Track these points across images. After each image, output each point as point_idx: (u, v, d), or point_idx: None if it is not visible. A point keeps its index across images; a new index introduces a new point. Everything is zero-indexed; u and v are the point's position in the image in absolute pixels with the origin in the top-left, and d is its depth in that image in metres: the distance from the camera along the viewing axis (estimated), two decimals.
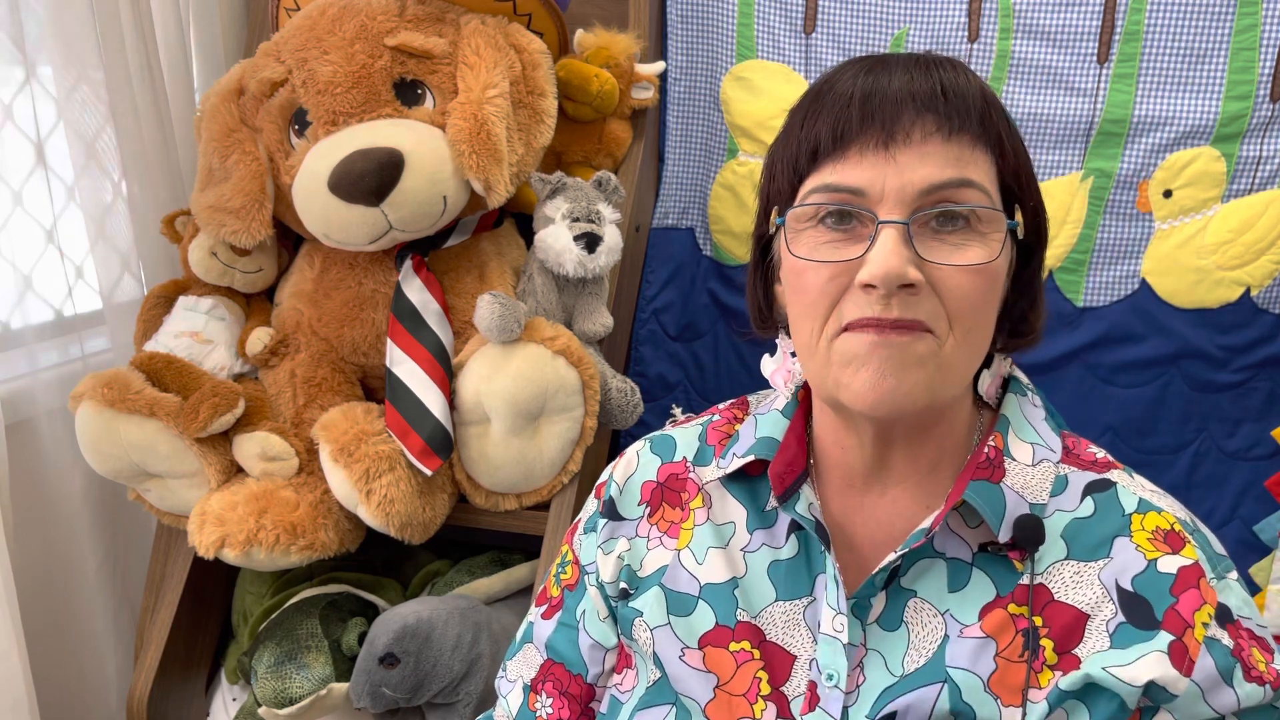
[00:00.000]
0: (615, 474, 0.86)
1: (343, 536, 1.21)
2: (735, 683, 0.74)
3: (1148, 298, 1.45)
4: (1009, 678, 0.68)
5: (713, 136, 1.57)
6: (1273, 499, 1.45)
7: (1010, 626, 0.69)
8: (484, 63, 1.22)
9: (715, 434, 0.84)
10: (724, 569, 0.77)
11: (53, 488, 1.31)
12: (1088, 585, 0.68)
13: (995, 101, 0.70)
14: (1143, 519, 0.70)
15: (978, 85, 0.70)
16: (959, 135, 0.67)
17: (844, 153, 0.68)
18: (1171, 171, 1.42)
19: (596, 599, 0.84)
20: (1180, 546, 0.68)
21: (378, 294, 1.27)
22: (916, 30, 1.47)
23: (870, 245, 0.66)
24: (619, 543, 0.82)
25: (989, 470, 0.71)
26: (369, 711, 1.20)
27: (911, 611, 0.71)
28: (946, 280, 0.67)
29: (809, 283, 0.69)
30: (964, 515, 0.72)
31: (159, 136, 1.38)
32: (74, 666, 1.36)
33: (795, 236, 0.70)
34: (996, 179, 0.69)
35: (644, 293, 1.59)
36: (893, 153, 0.67)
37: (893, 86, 0.68)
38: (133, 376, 1.19)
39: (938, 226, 0.67)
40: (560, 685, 0.85)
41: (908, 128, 0.67)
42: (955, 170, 0.67)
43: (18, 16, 1.23)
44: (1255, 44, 1.36)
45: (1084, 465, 0.74)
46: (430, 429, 1.15)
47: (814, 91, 0.73)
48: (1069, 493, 0.72)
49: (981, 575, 0.71)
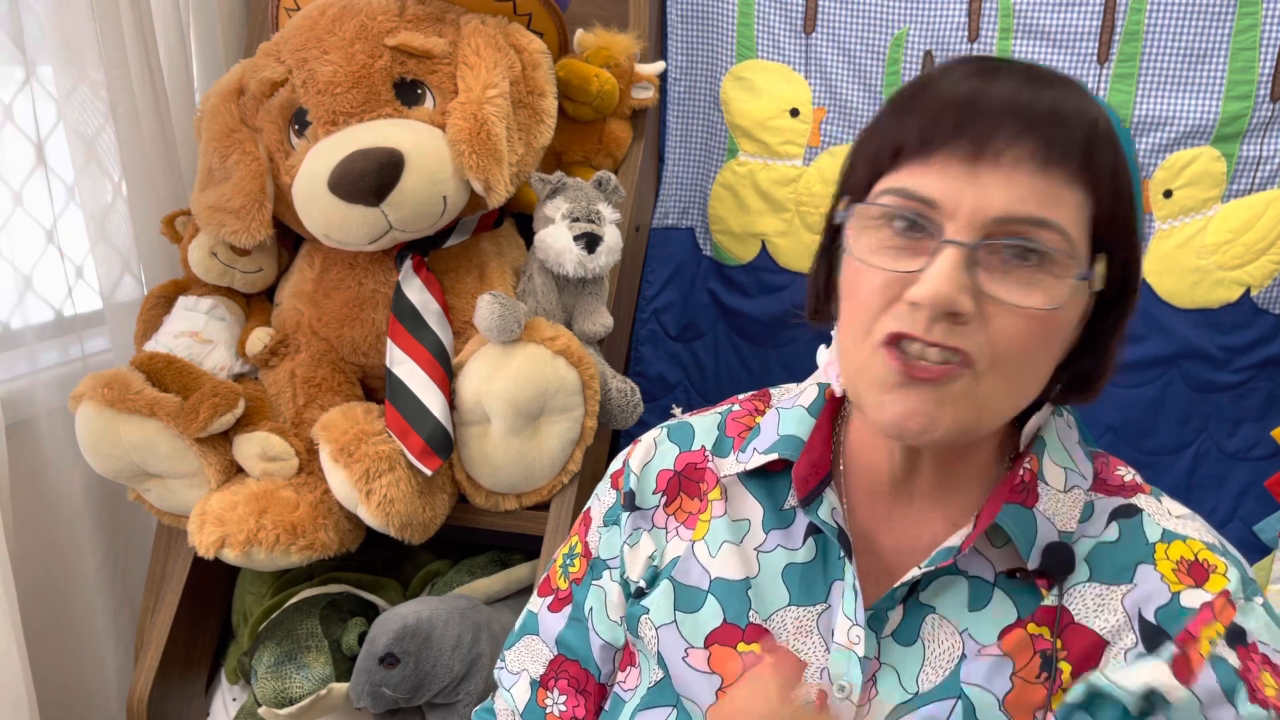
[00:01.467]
0: (632, 461, 0.83)
1: (343, 536, 1.21)
2: None
3: (1148, 298, 1.45)
4: (1025, 697, 0.67)
5: (713, 136, 1.57)
6: (1273, 499, 1.45)
7: (1029, 647, 0.68)
8: (484, 63, 1.22)
9: (735, 425, 0.81)
10: (737, 566, 0.75)
11: (53, 488, 1.31)
12: (1110, 611, 0.67)
13: (1109, 136, 0.64)
14: (1167, 548, 0.68)
15: (1094, 114, 0.64)
16: (1056, 167, 0.62)
17: (927, 159, 0.63)
18: (1171, 171, 1.42)
19: (617, 594, 0.81)
20: (1204, 579, 0.67)
21: (378, 294, 1.27)
22: (916, 30, 1.47)
23: (930, 261, 0.62)
24: (644, 537, 0.80)
25: (1022, 494, 0.69)
26: (369, 711, 1.20)
27: (929, 628, 0.70)
28: (999, 317, 0.62)
29: (862, 285, 0.66)
30: (990, 536, 0.70)
31: (159, 136, 1.38)
32: (74, 666, 1.36)
33: (860, 233, 0.67)
34: (1088, 223, 0.64)
35: (644, 293, 1.59)
36: (978, 171, 0.61)
37: (996, 97, 0.62)
38: (133, 376, 1.19)
39: (1008, 257, 0.62)
40: (576, 683, 0.83)
41: (1000, 147, 0.61)
42: (1038, 206, 0.61)
43: (18, 16, 1.23)
44: (1255, 44, 1.36)
45: (1111, 490, 0.73)
46: (430, 429, 1.15)
47: (915, 85, 0.68)
48: (1095, 519, 0.71)
49: (1003, 596, 0.69)
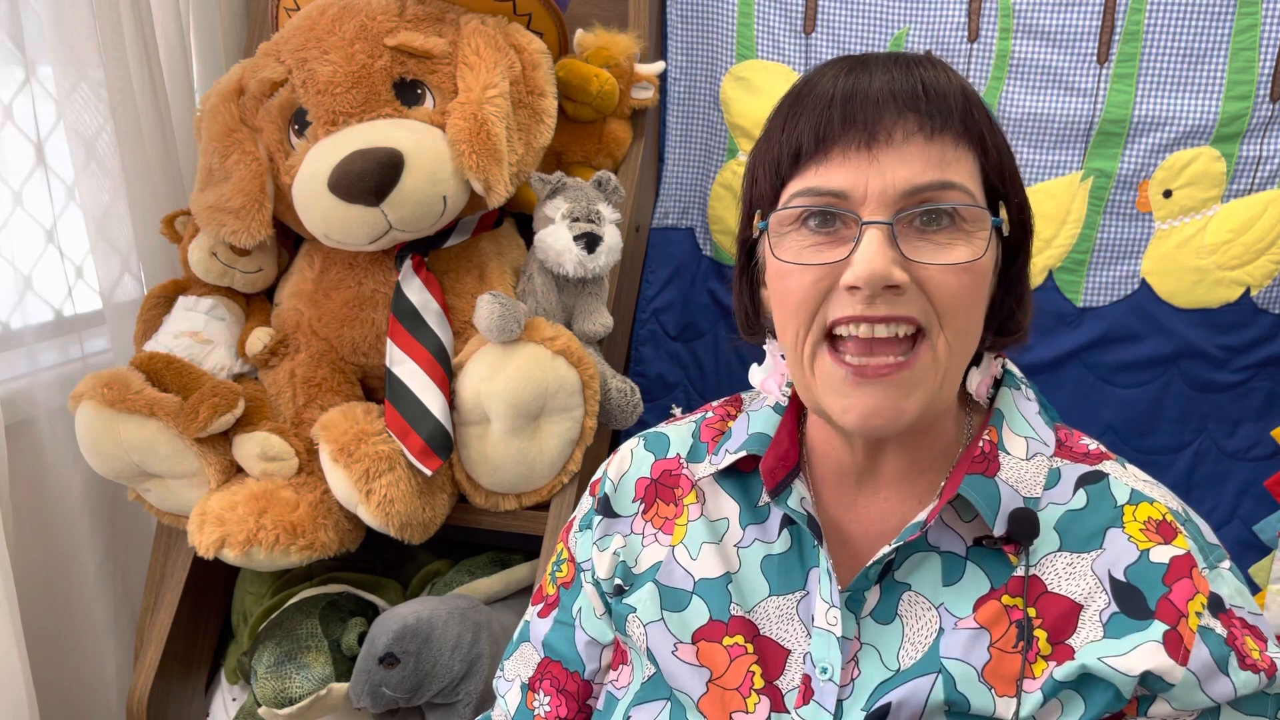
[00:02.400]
0: (609, 471, 0.86)
1: (343, 536, 1.21)
2: (728, 677, 0.74)
3: (1148, 298, 1.45)
4: (1003, 668, 0.68)
5: (713, 136, 1.57)
6: (1273, 499, 1.45)
7: (1004, 617, 0.69)
8: (484, 63, 1.22)
9: (709, 431, 0.84)
10: (717, 564, 0.77)
11: (53, 488, 1.31)
12: (1080, 576, 0.69)
13: (976, 99, 0.70)
14: (1134, 510, 0.70)
15: (959, 83, 0.69)
16: (941, 134, 0.67)
17: (826, 155, 0.67)
18: (1171, 171, 1.42)
19: (593, 596, 0.84)
20: (1172, 537, 0.69)
21: (378, 294, 1.27)
22: (916, 30, 1.47)
23: (855, 247, 0.66)
24: (614, 539, 0.83)
25: (983, 464, 0.72)
26: (369, 711, 1.20)
27: (906, 605, 0.72)
28: (933, 279, 0.66)
29: (792, 286, 0.69)
30: (958, 509, 0.72)
31: (159, 136, 1.38)
32: (74, 667, 1.36)
33: (779, 240, 0.70)
34: (980, 177, 0.69)
35: (644, 293, 1.59)
36: (875, 154, 0.66)
37: (873, 87, 0.67)
38: (133, 376, 1.19)
39: (922, 225, 0.67)
40: (557, 683, 0.86)
41: (889, 128, 0.66)
42: (938, 171, 0.66)
43: (18, 16, 1.23)
44: (1255, 44, 1.36)
45: (1076, 458, 0.74)
46: (430, 429, 1.15)
47: (794, 93, 0.73)
48: (1062, 486, 0.72)
49: (975, 569, 0.71)
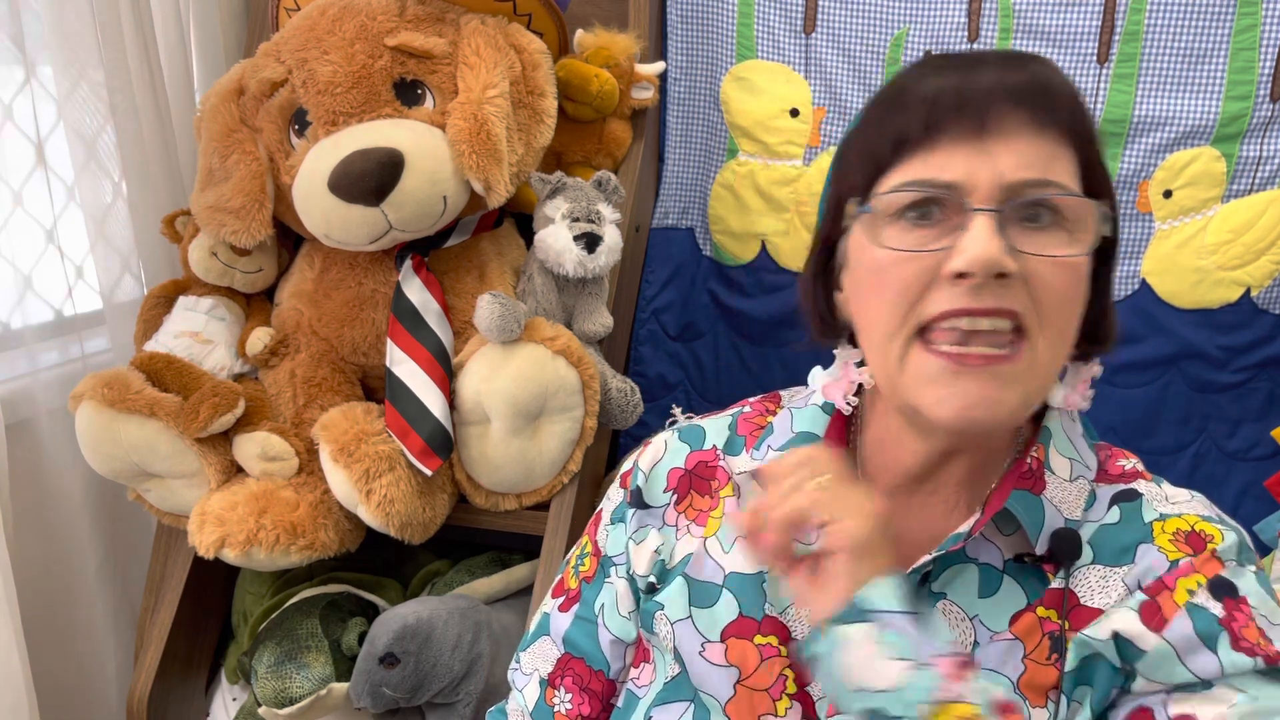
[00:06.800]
0: (641, 461, 0.84)
1: (343, 536, 1.21)
2: (758, 677, 0.73)
3: (1148, 298, 1.45)
4: (1037, 679, 0.68)
5: (713, 136, 1.57)
6: (1273, 499, 1.45)
7: (1038, 629, 0.69)
8: (484, 63, 1.22)
9: (746, 425, 0.82)
10: (752, 560, 0.76)
11: (53, 488, 1.31)
12: (1112, 589, 0.68)
13: (1083, 101, 0.69)
14: (1163, 524, 0.70)
15: (1068, 80, 0.68)
16: (1050, 131, 0.66)
17: (934, 144, 0.66)
18: (1171, 171, 1.42)
19: (625, 592, 0.82)
20: (1201, 547, 0.68)
21: (378, 294, 1.27)
22: (916, 30, 1.47)
23: (962, 234, 0.64)
24: (650, 534, 0.81)
25: (1031, 481, 0.71)
26: (369, 711, 1.20)
27: (940, 615, 0.70)
28: (1040, 274, 0.64)
29: (891, 278, 0.67)
30: (999, 523, 0.71)
31: (159, 136, 1.38)
32: (74, 666, 1.36)
33: (877, 232, 0.68)
34: (1081, 178, 0.68)
35: (644, 293, 1.59)
36: (986, 144, 0.64)
37: (986, 79, 0.66)
38: (133, 376, 1.19)
39: (1026, 220, 0.65)
40: (581, 681, 0.84)
41: (1000, 121, 0.65)
42: (1044, 168, 0.65)
43: (18, 16, 1.23)
44: (1255, 44, 1.36)
45: (1113, 479, 0.74)
46: (430, 429, 1.15)
47: (895, 88, 0.70)
48: (1097, 506, 0.72)
49: (1012, 583, 0.70)
